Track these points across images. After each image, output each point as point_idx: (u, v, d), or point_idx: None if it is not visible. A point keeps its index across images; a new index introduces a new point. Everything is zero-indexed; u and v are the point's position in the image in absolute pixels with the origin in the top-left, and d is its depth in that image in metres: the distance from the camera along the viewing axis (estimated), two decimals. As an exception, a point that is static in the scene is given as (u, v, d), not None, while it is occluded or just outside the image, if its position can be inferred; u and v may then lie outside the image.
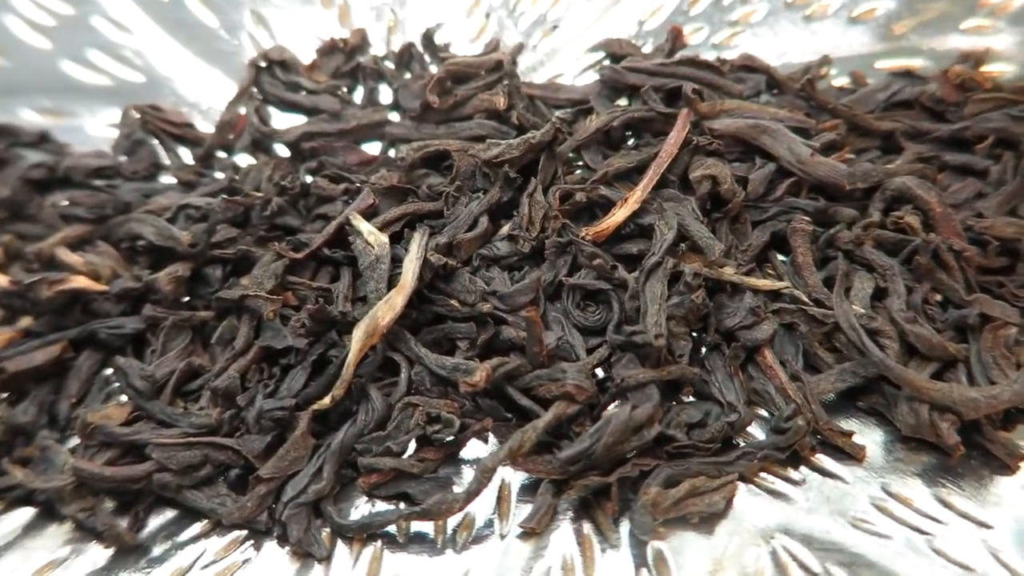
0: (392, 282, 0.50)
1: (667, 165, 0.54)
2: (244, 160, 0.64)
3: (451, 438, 0.47)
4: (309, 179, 0.60)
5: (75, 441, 0.49)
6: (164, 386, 0.50)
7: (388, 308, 0.48)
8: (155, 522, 0.47)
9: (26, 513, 0.48)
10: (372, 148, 0.64)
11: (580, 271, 0.52)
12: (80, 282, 0.53)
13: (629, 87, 0.61)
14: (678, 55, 0.64)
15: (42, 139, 0.63)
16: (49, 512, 0.47)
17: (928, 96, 0.60)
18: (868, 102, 0.61)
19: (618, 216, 0.52)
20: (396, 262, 0.52)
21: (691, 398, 0.49)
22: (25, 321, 0.54)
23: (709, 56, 0.64)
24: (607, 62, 0.65)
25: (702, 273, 0.49)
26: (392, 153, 0.63)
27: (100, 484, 0.46)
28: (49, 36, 0.67)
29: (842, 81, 0.64)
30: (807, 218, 0.54)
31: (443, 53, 0.68)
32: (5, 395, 0.51)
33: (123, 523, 0.46)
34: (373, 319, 0.47)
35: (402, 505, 0.47)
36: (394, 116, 0.65)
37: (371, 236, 0.53)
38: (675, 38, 0.65)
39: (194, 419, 0.48)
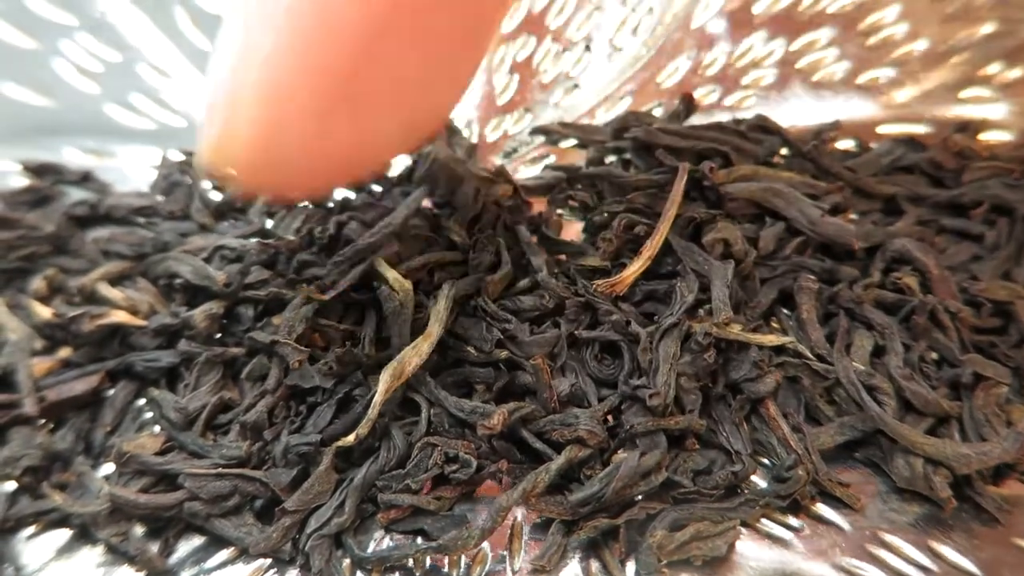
0: (414, 325, 0.53)
1: (673, 219, 0.57)
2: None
3: (467, 477, 0.49)
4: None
5: (109, 468, 0.52)
6: (196, 418, 0.53)
7: (415, 354, 0.50)
8: (183, 549, 0.49)
9: (61, 536, 0.50)
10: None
11: (600, 324, 0.54)
12: (120, 316, 0.56)
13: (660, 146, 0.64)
14: (706, 120, 0.68)
15: (85, 178, 0.66)
16: (82, 535, 0.50)
17: (928, 162, 0.63)
18: (872, 166, 0.64)
19: (633, 268, 0.55)
20: (419, 308, 0.54)
21: (697, 446, 0.51)
22: (64, 352, 0.56)
23: (722, 117, 0.67)
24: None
25: (712, 333, 0.52)
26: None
27: (134, 510, 0.49)
28: (96, 80, 0.70)
29: (847, 144, 0.67)
30: (813, 276, 0.56)
31: None
32: (43, 422, 0.53)
33: (153, 548, 0.48)
34: (400, 363, 0.50)
35: (419, 540, 0.49)
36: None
37: (396, 282, 0.55)
38: (688, 102, 0.68)
39: (224, 451, 0.51)
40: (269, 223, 0.65)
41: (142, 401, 0.56)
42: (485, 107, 0.73)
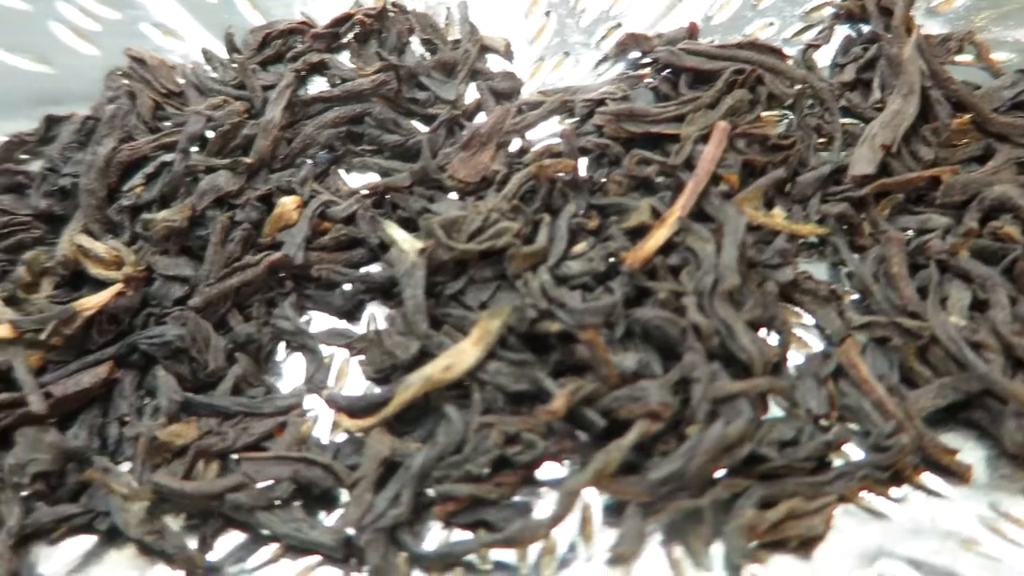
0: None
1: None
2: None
3: (532, 459, 0.48)
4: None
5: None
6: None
7: (443, 373, 0.49)
8: (223, 547, 0.48)
9: (87, 542, 0.49)
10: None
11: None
12: (102, 298, 0.54)
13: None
14: (739, 38, 0.67)
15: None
16: (109, 539, 0.49)
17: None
18: (994, 99, 0.61)
19: (657, 237, 0.53)
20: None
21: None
22: (54, 339, 0.54)
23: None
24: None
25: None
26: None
27: (180, 500, 0.48)
28: (95, 42, 0.69)
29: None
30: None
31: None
32: (52, 420, 0.52)
33: (192, 545, 0.47)
34: (435, 368, 0.49)
35: (481, 532, 0.47)
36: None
37: (405, 243, 0.56)
38: (690, 35, 0.67)
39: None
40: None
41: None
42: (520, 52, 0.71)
